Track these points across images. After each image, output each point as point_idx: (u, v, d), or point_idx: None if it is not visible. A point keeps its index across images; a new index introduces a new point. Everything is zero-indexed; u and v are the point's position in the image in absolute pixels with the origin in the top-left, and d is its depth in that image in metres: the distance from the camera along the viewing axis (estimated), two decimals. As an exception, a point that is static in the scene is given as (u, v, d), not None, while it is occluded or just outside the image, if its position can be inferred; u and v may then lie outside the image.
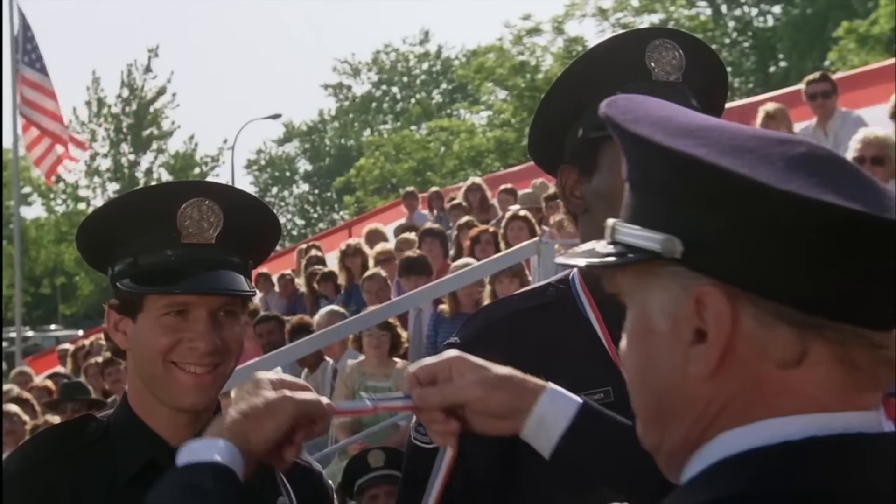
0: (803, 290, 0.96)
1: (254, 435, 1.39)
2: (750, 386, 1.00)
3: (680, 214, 1.00)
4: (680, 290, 1.01)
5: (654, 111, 1.07)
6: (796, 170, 0.95)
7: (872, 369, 0.99)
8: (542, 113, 1.91)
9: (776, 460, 0.98)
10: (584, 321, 1.83)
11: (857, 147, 6.09)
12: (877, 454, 0.99)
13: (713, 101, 1.90)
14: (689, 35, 1.90)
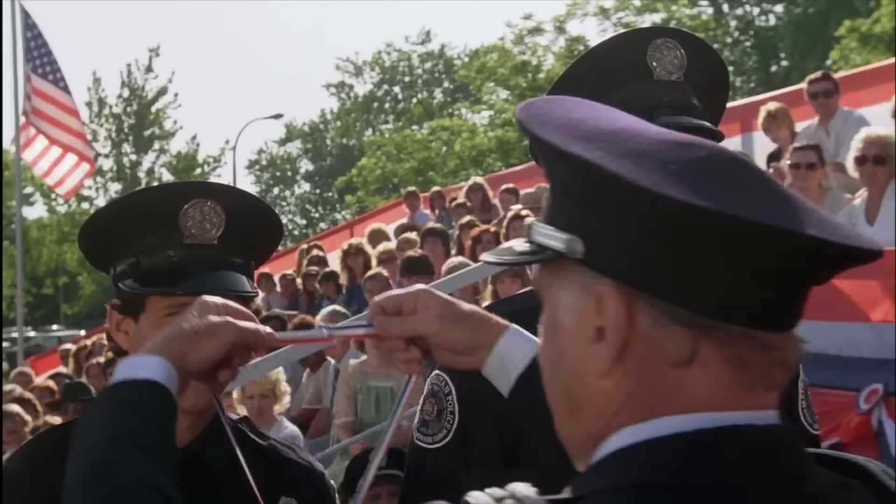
0: (692, 291, 0.99)
1: (191, 355, 1.39)
2: (647, 384, 1.03)
3: (581, 216, 1.04)
4: (582, 289, 1.05)
5: (570, 113, 1.09)
6: (688, 174, 0.97)
7: (764, 370, 1.02)
8: None
9: (663, 452, 1.01)
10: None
11: (859, 146, 6.08)
12: (761, 446, 1.02)
13: (715, 100, 1.90)
14: (691, 34, 1.90)
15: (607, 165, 0.97)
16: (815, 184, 6.47)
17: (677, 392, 1.02)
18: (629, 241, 1.00)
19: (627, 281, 1.01)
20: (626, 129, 1.05)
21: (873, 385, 4.87)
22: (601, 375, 1.04)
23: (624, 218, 1.00)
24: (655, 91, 1.79)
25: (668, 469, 1.00)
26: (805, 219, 0.98)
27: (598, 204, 1.02)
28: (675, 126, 1.76)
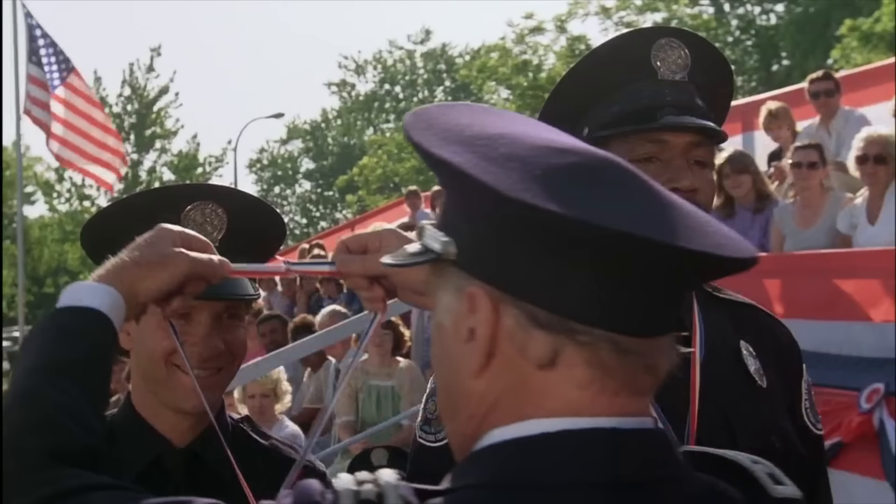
0: (552, 293, 1.00)
1: (142, 284, 1.40)
2: (515, 385, 1.04)
3: (455, 219, 1.08)
4: (456, 290, 1.07)
5: (458, 118, 1.10)
6: (550, 178, 0.98)
7: (628, 374, 1.03)
8: (548, 112, 1.90)
9: (519, 453, 1.03)
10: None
11: (860, 146, 6.08)
12: (619, 449, 1.03)
13: (719, 100, 1.90)
14: (695, 34, 1.89)
15: (466, 168, 0.99)
16: (817, 183, 6.47)
17: (543, 394, 1.04)
18: (492, 243, 1.03)
19: (493, 282, 1.03)
20: (507, 134, 1.06)
21: (874, 385, 4.86)
22: (473, 375, 1.06)
23: (486, 220, 1.03)
24: (659, 91, 1.79)
25: (518, 470, 1.02)
26: (670, 225, 0.99)
27: (465, 207, 1.06)
28: (680, 126, 1.77)
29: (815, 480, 1.93)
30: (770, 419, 1.82)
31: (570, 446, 1.02)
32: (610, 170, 1.04)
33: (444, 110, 1.13)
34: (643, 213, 0.99)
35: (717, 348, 1.83)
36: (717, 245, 1.00)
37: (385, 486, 1.03)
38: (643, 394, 1.07)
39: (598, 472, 1.02)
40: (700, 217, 1.05)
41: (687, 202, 1.08)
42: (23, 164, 15.84)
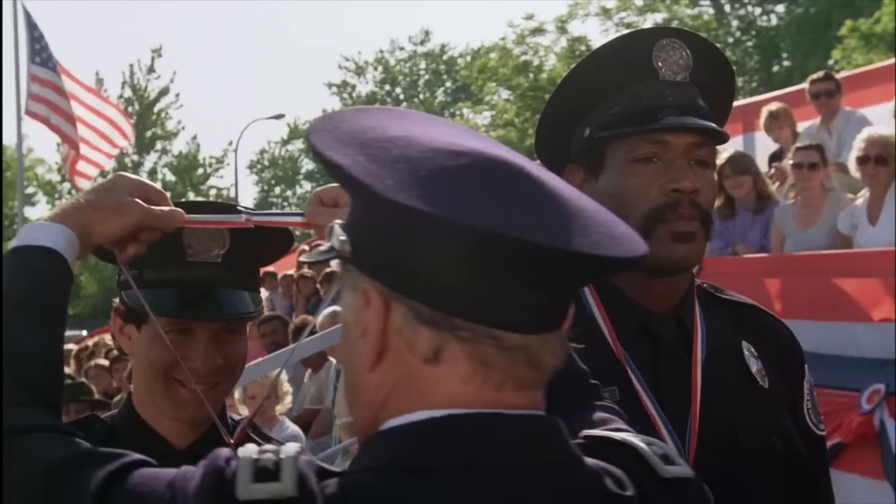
0: (434, 291, 1.05)
1: (97, 228, 1.47)
2: (406, 378, 1.10)
3: (352, 218, 1.14)
4: (354, 287, 1.13)
5: (364, 122, 1.14)
6: (435, 180, 1.03)
7: (510, 369, 1.08)
8: (549, 112, 1.90)
9: (402, 439, 1.09)
10: (591, 321, 1.82)
11: (861, 146, 6.08)
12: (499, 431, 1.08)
13: (720, 101, 1.90)
14: (696, 34, 1.89)
15: (350, 169, 1.04)
16: (818, 183, 6.46)
17: (430, 388, 1.09)
18: (380, 242, 1.08)
19: (382, 280, 1.08)
20: (408, 137, 1.10)
21: (875, 385, 4.86)
22: (368, 369, 1.12)
23: (374, 220, 1.08)
24: (661, 91, 1.79)
25: (406, 453, 1.08)
26: (551, 224, 1.03)
27: (358, 207, 1.12)
28: (681, 126, 1.76)
29: (817, 481, 1.93)
30: (772, 420, 1.82)
31: (456, 430, 1.07)
32: (501, 172, 1.07)
33: (357, 114, 1.17)
34: (524, 212, 1.03)
35: (718, 349, 1.83)
36: (595, 244, 1.04)
37: (284, 458, 1.06)
38: (528, 388, 1.11)
39: (483, 455, 1.07)
40: (590, 216, 1.09)
41: (587, 202, 1.12)
42: (25, 166, 15.78)
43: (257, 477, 1.05)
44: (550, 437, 1.12)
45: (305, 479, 1.06)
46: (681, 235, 1.75)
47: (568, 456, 1.13)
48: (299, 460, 1.07)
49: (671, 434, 1.73)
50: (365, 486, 1.07)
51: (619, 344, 1.79)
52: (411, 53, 52.05)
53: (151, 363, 1.86)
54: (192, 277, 1.84)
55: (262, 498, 1.04)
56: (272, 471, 1.06)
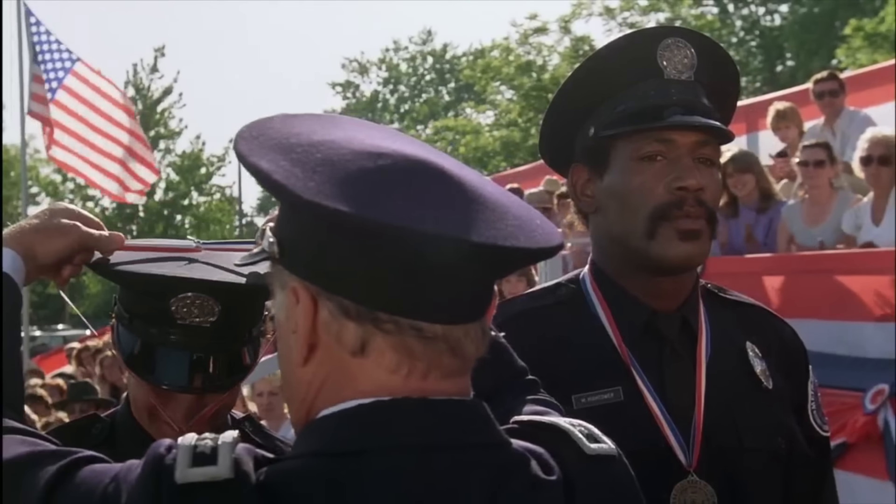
0: (357, 286, 1.11)
1: (40, 248, 1.56)
2: (336, 371, 1.15)
3: (280, 220, 1.20)
4: (283, 286, 1.18)
5: (292, 128, 1.18)
6: (353, 181, 1.08)
7: (433, 358, 1.14)
8: (554, 111, 1.90)
9: (334, 425, 1.14)
10: (595, 320, 1.83)
11: (865, 147, 6.07)
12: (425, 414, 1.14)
13: (725, 99, 1.90)
14: (700, 33, 1.89)
15: (271, 173, 1.09)
16: (825, 181, 6.44)
17: (359, 378, 1.15)
18: (305, 241, 1.14)
19: (309, 278, 1.14)
20: (331, 141, 1.15)
21: (879, 385, 4.86)
22: (300, 364, 1.18)
23: (298, 221, 1.15)
24: (666, 90, 1.78)
25: (337, 438, 1.13)
26: (464, 219, 1.08)
27: (283, 210, 1.18)
28: (686, 125, 1.76)
29: (821, 481, 1.94)
30: (776, 420, 1.82)
31: (382, 415, 1.13)
32: (419, 171, 1.13)
33: (286, 120, 1.21)
34: (438, 209, 1.08)
35: (723, 349, 1.83)
36: (506, 236, 1.09)
37: (220, 444, 1.11)
38: (453, 376, 1.16)
39: (408, 437, 1.13)
40: (506, 210, 1.13)
41: (508, 198, 1.17)
42: (28, 165, 15.77)
43: (195, 462, 1.10)
44: (476, 420, 1.17)
45: (241, 462, 1.10)
46: (686, 233, 1.75)
47: (494, 438, 1.18)
48: (237, 446, 1.12)
49: (675, 434, 1.73)
50: (296, 470, 1.12)
51: (624, 344, 1.79)
52: (414, 53, 52.02)
53: (137, 402, 1.84)
54: (181, 344, 1.77)
55: (198, 481, 1.08)
56: (209, 455, 1.10)
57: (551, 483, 1.18)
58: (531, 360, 1.73)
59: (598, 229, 1.87)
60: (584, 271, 1.91)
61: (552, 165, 1.98)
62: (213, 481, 1.08)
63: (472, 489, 1.13)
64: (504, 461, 1.17)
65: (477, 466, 1.15)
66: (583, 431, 1.26)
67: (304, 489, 1.10)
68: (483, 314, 1.18)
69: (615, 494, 1.25)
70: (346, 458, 1.12)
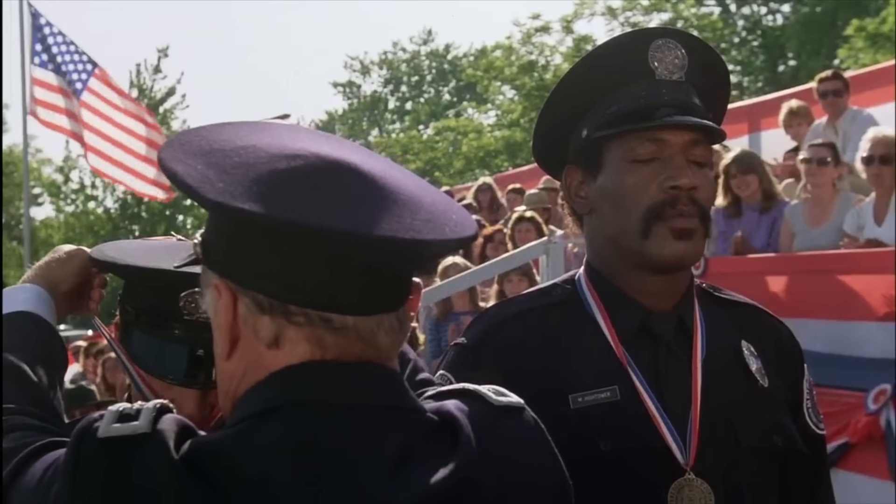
0: (268, 281, 1.17)
1: (59, 274, 1.75)
2: (253, 364, 1.22)
3: (207, 223, 1.26)
4: (208, 285, 1.25)
5: (217, 135, 1.24)
6: (266, 182, 1.14)
7: (345, 348, 1.19)
8: (546, 114, 1.91)
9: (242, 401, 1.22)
10: (591, 321, 1.83)
11: (867, 146, 6.07)
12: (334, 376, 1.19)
13: (716, 100, 1.90)
14: (691, 34, 1.90)
15: (183, 176, 1.15)
16: (828, 181, 6.44)
17: (273, 369, 1.20)
18: (221, 241, 1.21)
19: (226, 276, 1.21)
20: (251, 146, 1.21)
21: (881, 385, 4.86)
22: (224, 358, 1.24)
23: (213, 222, 1.23)
24: (657, 90, 1.79)
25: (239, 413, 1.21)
26: (372, 215, 1.13)
27: (206, 212, 1.24)
28: (678, 124, 1.77)
29: (817, 480, 1.94)
30: (771, 418, 1.83)
31: (293, 376, 1.19)
32: (329, 171, 1.18)
33: (216, 128, 1.26)
34: (344, 206, 1.14)
35: (718, 348, 1.84)
36: (408, 229, 1.14)
37: (145, 407, 1.17)
38: (371, 360, 1.22)
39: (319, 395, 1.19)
40: (420, 206, 1.19)
41: (429, 195, 1.23)
42: (31, 166, 15.77)
43: (118, 420, 1.16)
44: (388, 384, 1.23)
45: (161, 421, 1.16)
46: (680, 232, 1.76)
47: (406, 403, 1.24)
48: (163, 410, 1.18)
49: (672, 433, 1.73)
50: (214, 439, 1.18)
51: (620, 343, 1.79)
52: (415, 53, 52.03)
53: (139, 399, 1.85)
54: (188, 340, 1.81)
55: (118, 435, 1.14)
56: (132, 415, 1.17)
57: (462, 443, 1.22)
58: (528, 360, 1.74)
59: (592, 230, 1.88)
60: (580, 272, 1.92)
61: (545, 168, 1.98)
62: (131, 435, 1.14)
63: (381, 448, 1.18)
64: (416, 424, 1.22)
65: (385, 426, 1.20)
66: (490, 389, 1.32)
67: (223, 455, 1.15)
68: (398, 306, 1.23)
69: (524, 442, 1.30)
70: (252, 419, 1.18)
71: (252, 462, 1.14)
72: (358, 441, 1.17)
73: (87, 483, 1.13)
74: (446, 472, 1.18)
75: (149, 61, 38.36)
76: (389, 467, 1.17)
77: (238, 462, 1.14)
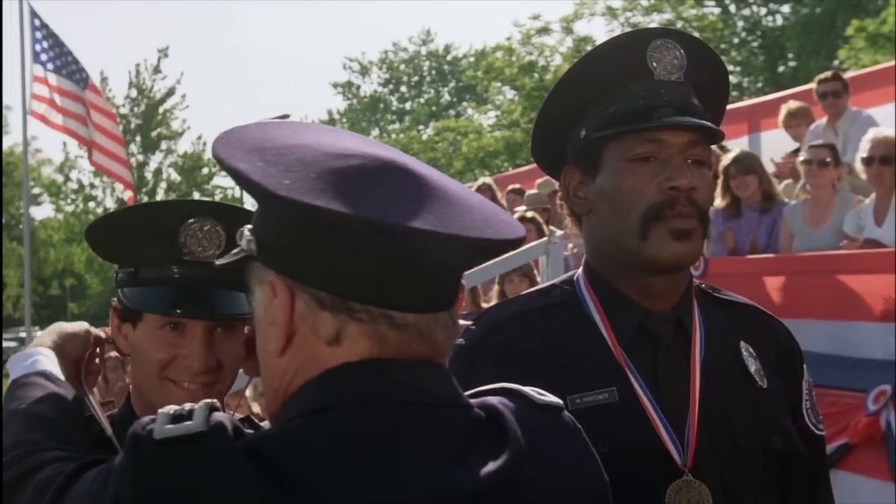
0: (333, 278, 1.18)
1: (69, 346, 1.87)
2: (308, 360, 1.22)
3: (257, 219, 1.27)
4: (261, 282, 1.25)
5: (266, 133, 1.26)
6: (327, 179, 1.15)
7: (404, 345, 1.21)
8: (545, 114, 1.91)
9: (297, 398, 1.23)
10: (589, 321, 1.83)
11: (867, 147, 6.07)
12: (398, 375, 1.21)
13: (715, 100, 1.90)
14: (690, 35, 1.90)
15: (248, 173, 1.16)
16: (828, 182, 6.44)
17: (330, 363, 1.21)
18: (281, 237, 1.21)
19: (285, 272, 1.21)
20: (304, 144, 1.23)
21: (881, 386, 4.85)
22: (277, 355, 1.25)
23: (274, 218, 1.21)
24: (656, 91, 1.79)
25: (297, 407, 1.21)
26: (432, 214, 1.15)
27: (261, 208, 1.25)
28: (677, 125, 1.76)
29: (816, 480, 1.94)
30: (771, 419, 1.83)
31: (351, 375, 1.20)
32: (386, 170, 1.20)
33: (261, 126, 1.29)
34: (407, 204, 1.16)
35: (717, 349, 1.84)
36: (473, 228, 1.17)
37: (197, 406, 1.19)
38: (425, 357, 1.24)
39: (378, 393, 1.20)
40: (472, 206, 1.22)
41: (473, 196, 1.25)
42: (31, 166, 15.79)
43: (172, 421, 1.18)
44: (442, 382, 1.26)
45: (216, 419, 1.17)
46: (679, 233, 1.76)
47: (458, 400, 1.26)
48: (214, 407, 1.19)
49: (670, 434, 1.73)
50: (274, 433, 1.21)
51: (618, 344, 1.79)
52: (415, 53, 52.02)
53: (147, 362, 1.87)
54: (188, 276, 1.86)
55: (175, 435, 1.15)
56: (184, 416, 1.18)
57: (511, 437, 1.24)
58: (527, 360, 1.73)
59: (591, 231, 1.88)
60: (578, 273, 1.91)
61: (544, 168, 1.98)
62: (188, 434, 1.15)
63: (442, 443, 1.20)
64: (469, 420, 1.24)
65: (444, 422, 1.22)
66: (532, 389, 1.36)
67: (286, 447, 1.16)
68: (452, 304, 1.25)
69: (565, 438, 1.35)
70: (312, 415, 1.19)
71: (316, 455, 1.15)
72: (421, 437, 1.19)
73: (152, 483, 1.14)
74: (501, 463, 1.21)
75: (148, 61, 38.36)
76: (452, 460, 1.19)
77: (301, 455, 1.15)
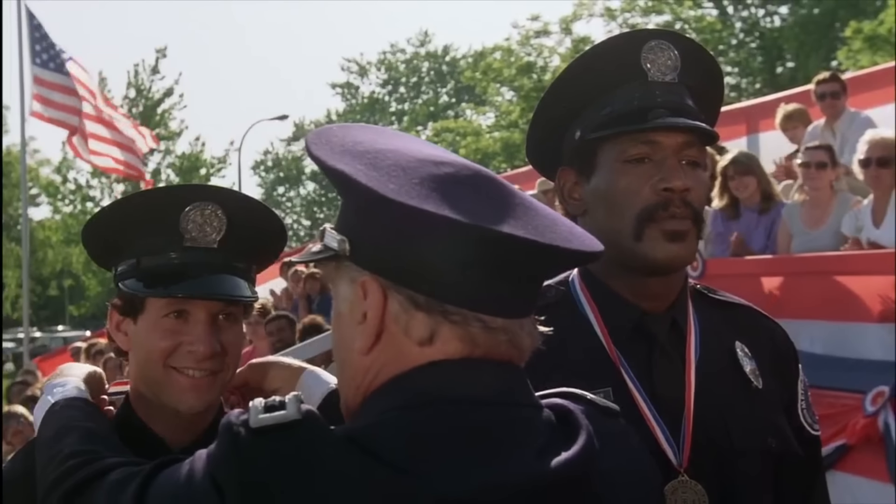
0: (428, 280, 1.21)
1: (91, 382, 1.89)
2: (393, 359, 1.26)
3: (348, 219, 1.29)
4: (351, 281, 1.28)
5: (355, 136, 1.30)
6: (426, 185, 1.20)
7: (492, 347, 1.25)
8: (540, 115, 1.92)
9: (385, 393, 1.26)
10: (584, 322, 1.83)
11: (864, 149, 6.06)
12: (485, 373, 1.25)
13: (709, 101, 1.91)
14: (684, 36, 1.90)
15: (355, 175, 1.20)
16: (826, 184, 6.44)
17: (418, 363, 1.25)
18: (378, 239, 1.24)
19: (380, 273, 1.24)
20: (392, 149, 1.26)
21: (879, 387, 4.85)
22: (363, 353, 1.28)
23: (372, 219, 1.24)
24: (650, 92, 1.79)
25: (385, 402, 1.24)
26: (526, 223, 1.20)
27: (356, 209, 1.27)
28: (671, 126, 1.77)
29: (812, 481, 1.94)
30: (766, 419, 1.83)
31: (447, 372, 1.23)
32: (478, 178, 1.25)
33: (344, 129, 1.32)
34: (502, 213, 1.20)
35: (712, 350, 1.84)
36: (565, 239, 1.22)
37: (289, 397, 1.22)
38: (510, 361, 1.28)
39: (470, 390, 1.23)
40: (554, 218, 1.26)
41: (541, 205, 1.28)
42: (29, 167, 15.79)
43: (266, 411, 1.21)
44: (522, 383, 1.30)
45: (309, 408, 1.21)
46: (673, 234, 1.76)
47: (534, 401, 1.31)
48: (302, 399, 1.22)
49: (665, 434, 1.73)
50: (370, 424, 1.23)
51: (613, 345, 1.79)
52: (413, 54, 52.01)
53: (150, 352, 1.87)
54: (190, 262, 1.86)
55: (271, 423, 1.19)
56: (277, 406, 1.21)
57: (584, 439, 1.28)
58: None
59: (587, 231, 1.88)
60: (573, 273, 1.91)
61: (540, 169, 1.99)
62: (284, 422, 1.19)
63: (526, 441, 1.24)
64: (546, 420, 1.29)
65: (527, 422, 1.26)
66: (597, 397, 1.42)
67: (384, 436, 1.20)
68: (534, 310, 1.30)
69: (624, 441, 1.41)
70: (405, 410, 1.22)
71: (419, 445, 1.19)
72: (507, 435, 1.23)
73: (253, 471, 1.18)
74: (578, 457, 1.25)
75: (147, 62, 38.38)
76: (537, 454, 1.23)
77: (403, 445, 1.19)
